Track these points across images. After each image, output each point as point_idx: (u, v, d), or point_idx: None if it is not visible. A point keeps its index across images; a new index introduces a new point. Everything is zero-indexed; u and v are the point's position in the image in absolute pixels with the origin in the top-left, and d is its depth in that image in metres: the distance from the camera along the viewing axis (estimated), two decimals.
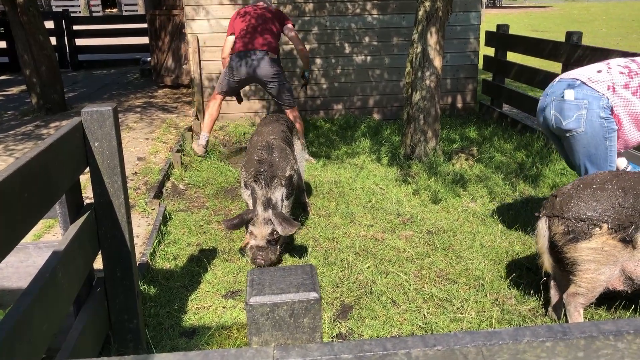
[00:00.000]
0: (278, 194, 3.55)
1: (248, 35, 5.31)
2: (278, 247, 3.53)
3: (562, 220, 2.64)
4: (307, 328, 0.93)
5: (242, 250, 3.66)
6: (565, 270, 2.75)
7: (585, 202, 2.59)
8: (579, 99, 3.03)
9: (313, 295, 0.95)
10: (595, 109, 2.99)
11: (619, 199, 2.55)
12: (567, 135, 3.11)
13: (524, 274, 3.31)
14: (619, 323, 0.94)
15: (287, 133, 4.07)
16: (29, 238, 3.69)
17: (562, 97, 3.08)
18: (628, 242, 2.53)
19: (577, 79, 3.11)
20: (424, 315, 2.94)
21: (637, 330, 0.93)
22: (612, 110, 3.00)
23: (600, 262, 2.59)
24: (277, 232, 3.41)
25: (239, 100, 5.97)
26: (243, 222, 3.50)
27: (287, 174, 3.63)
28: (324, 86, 7.18)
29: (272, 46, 5.29)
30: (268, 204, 3.48)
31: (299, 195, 4.32)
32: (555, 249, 2.73)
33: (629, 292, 2.71)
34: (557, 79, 3.28)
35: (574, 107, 3.04)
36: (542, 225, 2.78)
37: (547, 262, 2.79)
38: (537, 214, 2.86)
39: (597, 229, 2.55)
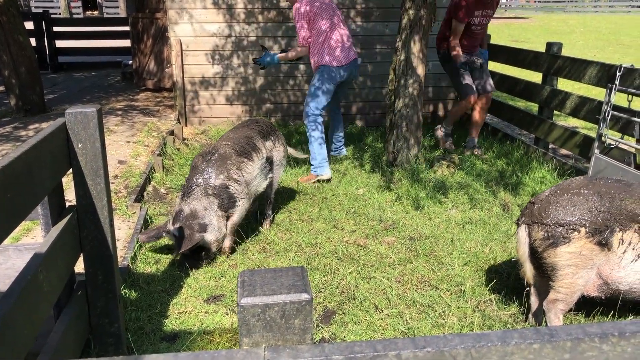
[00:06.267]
0: (199, 204, 3.49)
1: None
2: (202, 254, 3.55)
3: (541, 226, 2.69)
4: (298, 329, 0.93)
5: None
6: (545, 277, 2.79)
7: (563, 207, 2.66)
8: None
9: (305, 296, 0.95)
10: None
11: (595, 203, 2.62)
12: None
13: (504, 280, 3.34)
14: (604, 326, 0.96)
15: (252, 140, 3.85)
16: (6, 240, 3.62)
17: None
18: (604, 245, 2.60)
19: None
20: (406, 320, 2.95)
21: (622, 333, 0.95)
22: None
23: (578, 266, 2.64)
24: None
25: None
26: (160, 234, 3.55)
27: (216, 183, 3.53)
28: None
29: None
30: (177, 217, 3.48)
31: (265, 205, 4.19)
32: (535, 255, 2.77)
33: (603, 298, 2.77)
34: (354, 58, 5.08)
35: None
36: (522, 232, 2.82)
37: (528, 271, 2.83)
38: (516, 222, 2.90)
39: (576, 233, 2.61)
